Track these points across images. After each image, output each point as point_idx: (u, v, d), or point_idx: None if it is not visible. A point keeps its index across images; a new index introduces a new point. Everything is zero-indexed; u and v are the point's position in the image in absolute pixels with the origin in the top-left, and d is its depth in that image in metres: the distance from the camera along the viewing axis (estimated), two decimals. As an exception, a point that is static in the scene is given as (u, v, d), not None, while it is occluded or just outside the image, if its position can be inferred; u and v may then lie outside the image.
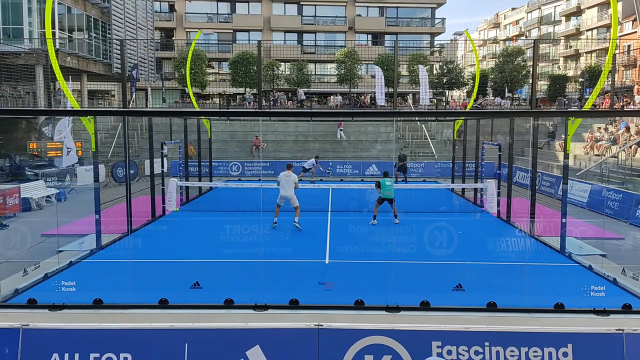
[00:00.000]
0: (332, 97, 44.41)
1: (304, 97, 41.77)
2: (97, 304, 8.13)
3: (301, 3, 52.76)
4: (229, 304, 8.19)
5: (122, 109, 15.90)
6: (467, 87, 45.19)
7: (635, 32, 46.97)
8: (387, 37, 53.40)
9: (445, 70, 44.85)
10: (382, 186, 15.31)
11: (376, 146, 32.85)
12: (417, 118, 32.85)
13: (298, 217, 14.46)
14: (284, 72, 45.79)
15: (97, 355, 6.83)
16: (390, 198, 15.28)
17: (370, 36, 54.13)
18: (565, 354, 6.80)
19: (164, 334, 7.05)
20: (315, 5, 53.20)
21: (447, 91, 46.71)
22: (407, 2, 53.68)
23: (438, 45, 55.00)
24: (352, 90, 44.48)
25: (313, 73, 48.80)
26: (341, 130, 34.00)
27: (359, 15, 53.48)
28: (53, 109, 27.49)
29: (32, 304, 8.15)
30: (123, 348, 6.87)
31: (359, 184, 21.91)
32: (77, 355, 6.82)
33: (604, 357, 6.83)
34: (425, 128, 34.11)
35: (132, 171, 23.29)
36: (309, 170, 25.23)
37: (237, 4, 52.81)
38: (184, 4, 52.21)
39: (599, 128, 26.89)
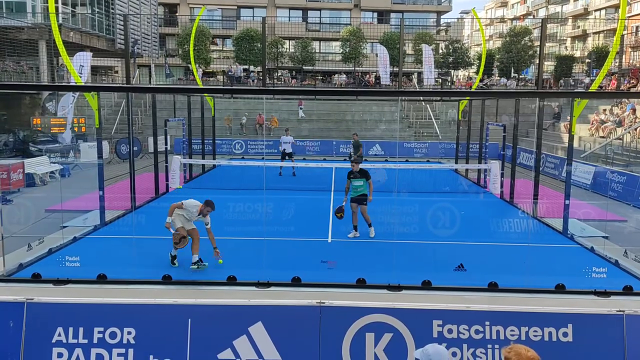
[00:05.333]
0: (336, 75, 44.11)
1: (240, 74, 41.15)
2: (101, 279, 8.20)
3: (306, -20, 52.15)
4: (231, 281, 8.26)
5: (125, 85, 15.83)
6: (473, 67, 44.84)
7: (645, 12, 46.32)
8: (392, 15, 52.81)
9: (451, 50, 44.43)
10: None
11: (380, 126, 32.72)
12: (421, 98, 32.63)
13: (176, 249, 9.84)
14: (288, 50, 45.42)
15: (101, 329, 6.90)
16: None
17: (375, 14, 53.50)
18: (565, 334, 6.85)
19: (167, 309, 7.11)
20: (320, -18, 52.58)
21: (452, 71, 46.32)
22: (413, -21, 53.01)
23: (444, 24, 54.39)
24: (356, 69, 44.16)
25: (317, 51, 48.39)
26: (301, 108, 33.79)
27: (365, -8, 52.83)
28: (56, 84, 27.37)
29: (36, 279, 8.23)
30: (127, 323, 6.94)
31: (363, 164, 21.84)
32: (81, 330, 6.90)
33: (603, 337, 6.88)
34: (429, 108, 33.92)
35: (135, 148, 23.27)
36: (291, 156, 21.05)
37: (241, -21, 52.22)
38: (188, -21, 51.64)
39: (605, 110, 26.70)
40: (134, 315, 7.03)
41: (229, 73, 40.49)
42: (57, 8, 26.92)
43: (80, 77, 21.10)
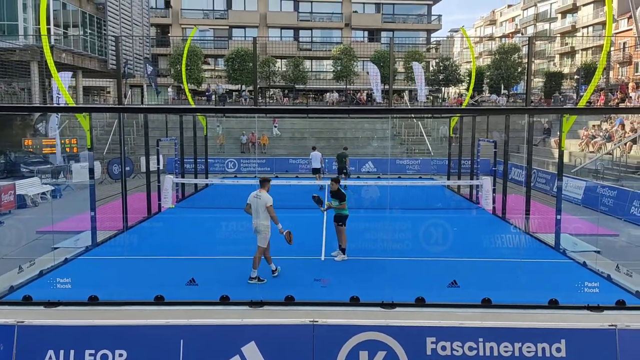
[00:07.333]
0: (328, 93, 44.39)
1: (222, 91, 41.36)
2: (93, 301, 8.14)
3: (297, -1, 52.72)
4: (224, 301, 8.22)
5: (117, 106, 15.88)
6: (464, 84, 45.30)
7: (631, 29, 47.04)
8: (383, 33, 53.38)
9: (441, 67, 44.90)
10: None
11: (372, 143, 32.86)
12: (413, 115, 32.85)
13: (271, 262, 10.11)
14: (280, 69, 45.72)
15: (92, 352, 6.83)
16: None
17: (366, 33, 54.07)
18: (558, 350, 6.85)
19: (159, 330, 7.06)
20: (311, 2, 53.10)
21: (443, 88, 46.74)
22: (403, -2, 53.69)
23: (434, 42, 55.02)
24: (348, 87, 44.47)
25: (309, 70, 48.75)
26: (276, 126, 34.02)
27: (355, 11, 53.43)
28: (48, 105, 27.37)
29: (27, 301, 8.16)
30: (118, 345, 6.88)
31: (355, 181, 21.92)
32: (72, 352, 6.83)
33: (596, 352, 6.88)
34: (421, 125, 34.13)
35: (127, 168, 23.22)
36: (319, 170, 22.21)
37: (232, 0, 52.66)
38: (180, 0, 52.03)
39: (594, 125, 26.97)
40: (125, 337, 6.97)
41: (207, 93, 40.67)
42: (49, 30, 27.04)
43: (59, 97, 21.33)
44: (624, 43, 50.15)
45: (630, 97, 28.94)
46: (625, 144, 22.69)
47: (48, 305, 8.01)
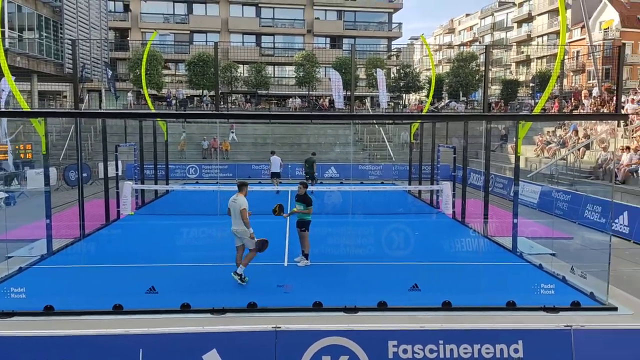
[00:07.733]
0: (290, 99, 44.44)
1: (182, 97, 41.29)
2: (48, 311, 7.93)
3: (259, 5, 52.61)
4: (185, 309, 8.12)
5: (74, 110, 15.48)
6: (424, 91, 46.06)
7: (584, 38, 48.74)
8: (345, 40, 53.82)
9: (402, 74, 45.53)
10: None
11: (335, 149, 33.02)
12: (374, 121, 33.14)
13: (245, 266, 9.95)
14: (242, 74, 45.55)
15: (48, 363, 6.64)
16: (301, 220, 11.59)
17: (328, 39, 54.43)
18: (516, 350, 7.02)
19: (118, 339, 6.92)
20: (273, 8, 53.13)
21: (404, 95, 47.40)
22: (364, 6, 54.24)
23: (395, 50, 55.78)
24: (310, 92, 44.61)
25: (272, 75, 48.74)
26: (232, 132, 34.14)
27: (317, 18, 53.74)
28: (2, 110, 26.52)
29: (-21, 312, 7.88)
30: (76, 355, 6.72)
31: (318, 187, 21.98)
32: (27, 364, 6.62)
33: (553, 352, 7.08)
34: (383, 131, 34.49)
35: (85, 174, 22.68)
36: (278, 175, 22.47)
37: (194, 5, 52.20)
38: (139, 4, 51.25)
39: (549, 132, 27.77)
40: (82, 347, 6.81)
41: (168, 98, 40.27)
42: (3, 33, 26.22)
43: (0, 100, 21.01)
44: (577, 52, 51.88)
45: (584, 104, 29.91)
46: (579, 150, 23.42)
47: (2, 315, 7.76)
